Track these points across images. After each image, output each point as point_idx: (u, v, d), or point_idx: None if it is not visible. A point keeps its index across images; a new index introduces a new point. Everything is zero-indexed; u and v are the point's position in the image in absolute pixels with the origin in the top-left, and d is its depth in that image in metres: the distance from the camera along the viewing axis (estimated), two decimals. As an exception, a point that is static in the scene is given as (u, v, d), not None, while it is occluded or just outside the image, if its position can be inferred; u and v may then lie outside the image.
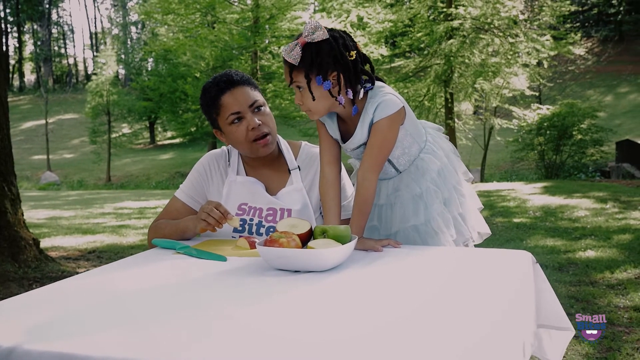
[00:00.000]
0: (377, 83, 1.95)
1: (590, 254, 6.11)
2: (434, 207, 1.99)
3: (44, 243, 7.10)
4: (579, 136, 19.01)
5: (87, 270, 5.80)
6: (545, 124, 18.92)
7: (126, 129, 38.08)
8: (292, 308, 1.29)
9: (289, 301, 1.34)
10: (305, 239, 1.70)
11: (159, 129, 42.02)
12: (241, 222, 2.17)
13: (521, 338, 1.23)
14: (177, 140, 38.83)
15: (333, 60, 1.81)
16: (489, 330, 1.13)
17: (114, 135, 33.82)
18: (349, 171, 2.32)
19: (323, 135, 2.04)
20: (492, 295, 1.36)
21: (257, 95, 2.19)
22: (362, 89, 1.89)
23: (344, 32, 1.89)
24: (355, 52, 1.85)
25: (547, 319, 1.69)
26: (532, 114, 19.49)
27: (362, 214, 1.89)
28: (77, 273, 5.71)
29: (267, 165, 2.28)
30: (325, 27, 1.82)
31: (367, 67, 1.93)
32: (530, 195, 12.23)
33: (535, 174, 20.52)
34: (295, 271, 1.58)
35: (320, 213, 2.30)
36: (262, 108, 2.19)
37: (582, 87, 33.25)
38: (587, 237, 7.08)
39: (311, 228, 1.73)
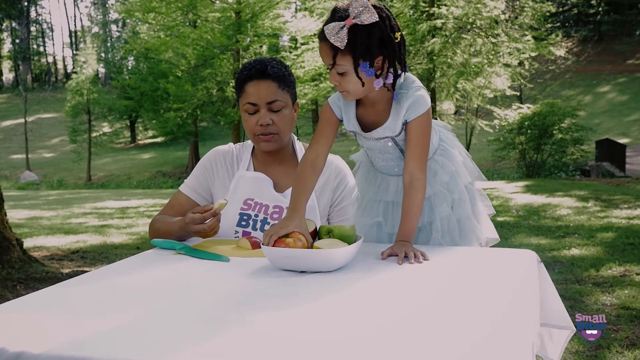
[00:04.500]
0: (406, 74, 1.84)
1: (575, 252, 6.17)
2: (439, 209, 1.93)
3: (26, 243, 7.01)
4: (560, 135, 19.20)
5: (72, 270, 5.72)
6: (526, 123, 19.09)
7: (107, 128, 37.75)
8: (302, 308, 1.28)
9: (298, 301, 1.33)
10: (312, 239, 1.68)
11: (140, 128, 41.73)
12: (245, 217, 2.16)
13: (530, 337, 1.23)
14: (158, 140, 38.60)
15: (380, 44, 1.68)
16: (497, 330, 1.13)
17: (94, 134, 33.53)
18: (351, 166, 2.28)
19: (326, 120, 1.91)
20: (499, 295, 1.36)
21: (281, 95, 2.14)
22: (403, 74, 1.80)
23: (387, 8, 1.75)
24: (399, 33, 1.74)
25: (550, 318, 1.69)
26: (513, 113, 19.65)
27: (411, 216, 1.77)
28: (62, 273, 5.65)
29: (278, 162, 2.27)
30: (372, 2, 1.68)
31: None
32: (513, 194, 12.32)
33: (517, 172, 20.68)
34: (301, 271, 1.57)
35: (328, 219, 2.27)
36: (281, 110, 2.15)
37: (562, 87, 33.58)
38: (570, 236, 7.15)
39: (316, 228, 1.71)
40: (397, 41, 1.72)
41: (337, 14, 1.67)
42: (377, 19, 1.65)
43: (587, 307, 4.24)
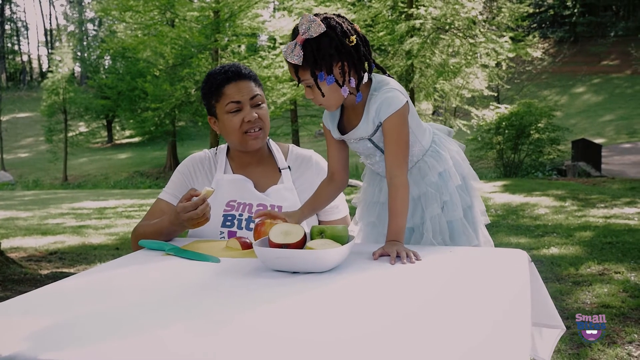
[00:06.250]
0: (380, 76, 1.90)
1: (554, 251, 6.22)
2: (429, 209, 1.96)
3: (2, 244, 6.91)
4: (537, 135, 19.39)
5: (51, 272, 5.64)
6: (503, 123, 19.24)
7: (83, 128, 37.43)
8: (296, 309, 1.27)
9: (291, 302, 1.33)
10: (301, 247, 1.65)
11: (117, 128, 41.40)
12: (230, 218, 2.17)
13: (525, 338, 1.23)
14: (135, 139, 38.33)
15: (335, 52, 1.74)
16: (492, 330, 1.13)
17: (70, 134, 33.22)
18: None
19: (326, 135, 2.01)
20: (492, 295, 1.36)
21: (259, 91, 2.23)
22: (366, 74, 1.84)
23: (339, 15, 1.82)
24: (354, 36, 1.78)
25: (540, 317, 1.70)
26: (491, 113, 19.80)
27: (396, 214, 1.78)
28: (40, 275, 5.58)
29: (256, 163, 2.30)
30: (321, 17, 1.75)
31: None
32: (491, 193, 12.40)
33: (494, 172, 20.82)
34: (294, 272, 1.56)
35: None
36: (261, 104, 2.23)
37: (539, 87, 33.91)
38: (549, 235, 7.21)
39: (305, 235, 1.68)
40: (352, 44, 1.77)
41: (294, 34, 1.77)
42: (325, 29, 1.72)
43: (568, 306, 4.28)
